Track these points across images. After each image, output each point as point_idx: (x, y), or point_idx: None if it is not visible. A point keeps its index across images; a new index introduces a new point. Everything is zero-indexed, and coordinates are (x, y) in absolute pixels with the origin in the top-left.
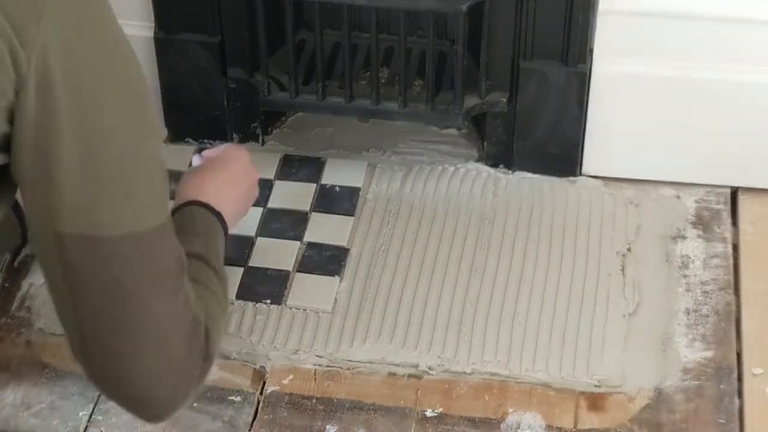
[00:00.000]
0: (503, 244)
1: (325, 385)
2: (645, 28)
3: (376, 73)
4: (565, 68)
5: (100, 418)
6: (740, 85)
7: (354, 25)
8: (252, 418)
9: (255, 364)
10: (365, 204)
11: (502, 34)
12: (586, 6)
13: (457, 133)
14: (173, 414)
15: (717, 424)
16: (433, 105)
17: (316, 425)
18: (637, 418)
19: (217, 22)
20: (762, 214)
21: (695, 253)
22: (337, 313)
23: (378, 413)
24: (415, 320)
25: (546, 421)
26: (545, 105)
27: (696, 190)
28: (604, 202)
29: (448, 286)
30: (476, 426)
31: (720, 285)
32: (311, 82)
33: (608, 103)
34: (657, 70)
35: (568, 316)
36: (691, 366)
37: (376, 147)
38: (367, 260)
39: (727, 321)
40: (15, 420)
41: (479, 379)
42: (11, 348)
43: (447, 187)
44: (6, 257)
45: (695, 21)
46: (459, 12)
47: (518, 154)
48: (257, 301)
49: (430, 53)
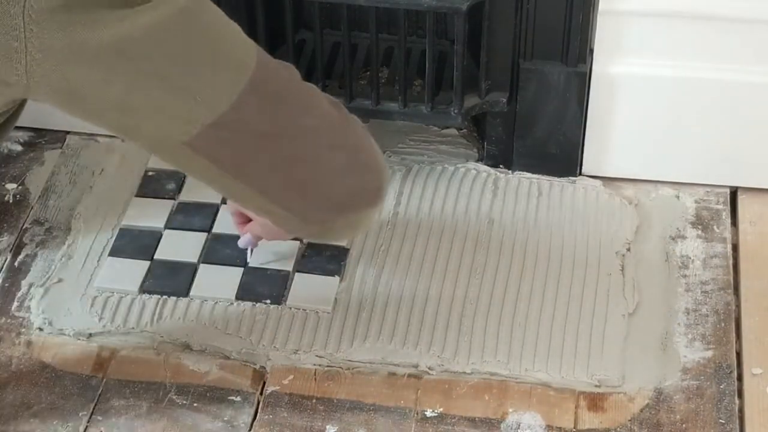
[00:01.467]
0: (503, 244)
1: (325, 385)
2: (645, 28)
3: (376, 73)
4: (565, 68)
5: (100, 418)
6: (740, 85)
7: (354, 25)
8: (252, 418)
9: (255, 364)
10: None
11: (502, 34)
12: (586, 6)
13: (457, 133)
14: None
15: (717, 424)
16: (433, 105)
17: (316, 425)
18: (637, 418)
19: None
20: (762, 214)
21: (695, 253)
22: (337, 313)
23: (378, 413)
24: (415, 320)
25: (546, 421)
26: (545, 105)
27: (695, 190)
28: (604, 202)
29: (448, 286)
30: (476, 426)
31: (720, 285)
32: (311, 81)
33: (608, 103)
34: (657, 70)
35: (568, 316)
36: (691, 366)
37: None
38: (367, 260)
39: (727, 321)
40: (15, 420)
41: (479, 379)
42: (11, 348)
43: (447, 187)
44: (6, 257)
45: (695, 21)
46: (459, 12)
47: (518, 154)
48: (257, 301)
49: (430, 53)
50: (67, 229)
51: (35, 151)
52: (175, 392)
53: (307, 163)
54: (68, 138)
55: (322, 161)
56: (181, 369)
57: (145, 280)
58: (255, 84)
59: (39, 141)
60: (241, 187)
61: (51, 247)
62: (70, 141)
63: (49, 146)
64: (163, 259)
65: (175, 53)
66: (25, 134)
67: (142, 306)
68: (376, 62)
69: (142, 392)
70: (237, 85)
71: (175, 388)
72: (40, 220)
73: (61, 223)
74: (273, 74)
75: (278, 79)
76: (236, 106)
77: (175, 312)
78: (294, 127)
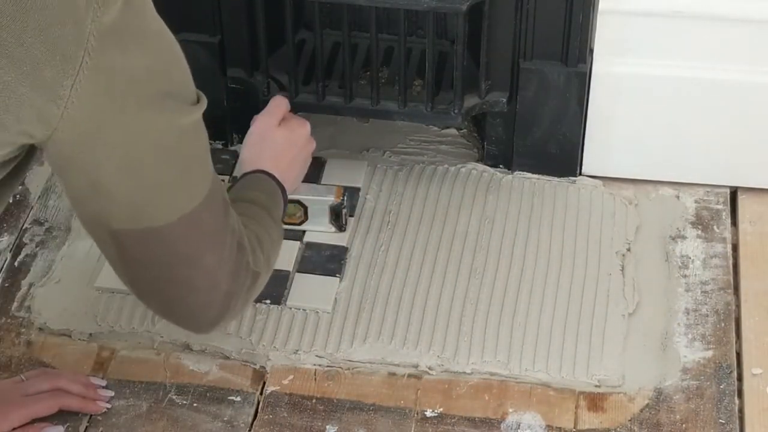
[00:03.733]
0: (503, 244)
1: (325, 385)
2: (645, 28)
3: (376, 73)
4: (565, 68)
5: (100, 418)
6: (740, 85)
7: (354, 25)
8: (252, 418)
9: (255, 364)
10: (365, 204)
11: (502, 34)
12: (586, 6)
13: (457, 133)
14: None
15: (717, 424)
16: (432, 105)
17: (316, 425)
18: (637, 418)
19: (217, 22)
20: (761, 214)
21: (695, 253)
22: (337, 313)
23: (378, 413)
24: (415, 320)
25: (546, 421)
26: (545, 105)
27: (695, 190)
28: (604, 202)
29: (448, 286)
30: (476, 426)
31: (719, 285)
32: (311, 82)
33: (608, 103)
34: (657, 70)
35: (568, 316)
36: (691, 366)
37: (376, 147)
38: (367, 260)
39: (727, 321)
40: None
41: (479, 379)
42: (11, 348)
43: (447, 187)
44: (6, 257)
45: (695, 21)
46: (459, 12)
47: (518, 154)
48: (257, 301)
49: (430, 53)
50: (67, 229)
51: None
52: (175, 392)
53: (181, 289)
54: None
55: (186, 293)
56: (181, 369)
57: None
58: (189, 219)
59: None
60: (123, 273)
61: (51, 247)
62: None
63: None
64: None
65: (164, 161)
66: None
67: (142, 306)
68: (376, 62)
69: (142, 392)
70: (183, 210)
71: (175, 388)
72: (40, 220)
73: (61, 223)
74: (207, 214)
75: (205, 222)
76: (171, 227)
77: None
78: (189, 269)
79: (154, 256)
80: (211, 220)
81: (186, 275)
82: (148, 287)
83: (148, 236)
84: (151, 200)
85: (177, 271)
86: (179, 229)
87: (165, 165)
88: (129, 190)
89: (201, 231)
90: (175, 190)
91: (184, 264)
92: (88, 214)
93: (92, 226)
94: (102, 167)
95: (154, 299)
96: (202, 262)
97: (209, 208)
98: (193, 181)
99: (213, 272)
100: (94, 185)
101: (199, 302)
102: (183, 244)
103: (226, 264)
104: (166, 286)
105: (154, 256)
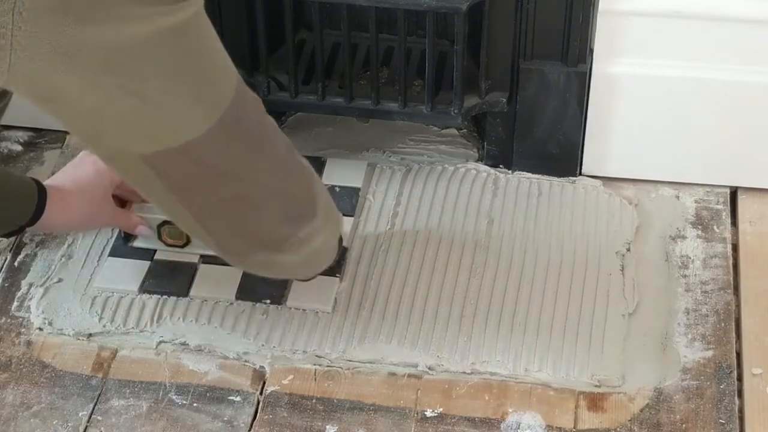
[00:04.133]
0: (503, 244)
1: (325, 385)
2: (645, 28)
3: (376, 73)
4: (565, 68)
5: (100, 418)
6: (740, 85)
7: (354, 25)
8: (252, 418)
9: (255, 364)
10: (365, 204)
11: (502, 34)
12: (586, 6)
13: (457, 133)
14: None
15: (717, 424)
16: (432, 105)
17: (316, 425)
18: (637, 418)
19: (217, 22)
20: (761, 214)
21: (695, 253)
22: (337, 313)
23: (378, 413)
24: (415, 320)
25: (546, 421)
26: (545, 105)
27: (695, 190)
28: (604, 202)
29: (448, 286)
30: (476, 426)
31: (719, 285)
32: (311, 81)
33: (608, 103)
34: (657, 70)
35: (568, 316)
36: (691, 366)
37: (376, 147)
38: (367, 260)
39: (727, 321)
40: (15, 420)
41: (479, 379)
42: (11, 348)
43: (447, 187)
44: (6, 257)
45: (696, 21)
46: (459, 12)
47: (518, 154)
48: (257, 301)
49: (430, 53)
50: None
51: (35, 151)
52: (175, 392)
53: (250, 206)
54: (68, 138)
55: (263, 207)
56: (181, 369)
57: (145, 280)
58: (227, 121)
59: (39, 141)
60: (179, 208)
61: (51, 247)
62: (69, 141)
63: (49, 146)
64: (163, 259)
65: (161, 72)
66: (25, 134)
67: (142, 306)
68: (376, 62)
69: (142, 392)
70: (211, 119)
71: (175, 388)
72: None
73: None
74: (243, 112)
75: (247, 119)
76: (204, 139)
77: (175, 312)
78: (249, 170)
79: (195, 175)
80: (250, 120)
81: (266, 170)
82: (208, 212)
83: (182, 155)
84: (164, 117)
85: (226, 187)
86: (214, 138)
87: (163, 76)
88: (133, 109)
89: (242, 134)
90: (194, 100)
91: (259, 155)
92: (106, 148)
93: (120, 160)
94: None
95: (218, 223)
96: (278, 150)
97: (244, 103)
98: (209, 86)
99: (290, 168)
100: (91, 119)
101: (264, 219)
102: (243, 124)
103: (282, 163)
104: (223, 206)
105: (194, 176)
